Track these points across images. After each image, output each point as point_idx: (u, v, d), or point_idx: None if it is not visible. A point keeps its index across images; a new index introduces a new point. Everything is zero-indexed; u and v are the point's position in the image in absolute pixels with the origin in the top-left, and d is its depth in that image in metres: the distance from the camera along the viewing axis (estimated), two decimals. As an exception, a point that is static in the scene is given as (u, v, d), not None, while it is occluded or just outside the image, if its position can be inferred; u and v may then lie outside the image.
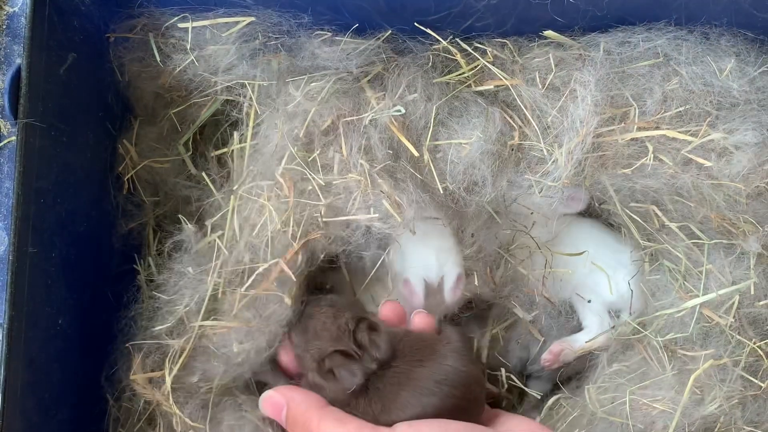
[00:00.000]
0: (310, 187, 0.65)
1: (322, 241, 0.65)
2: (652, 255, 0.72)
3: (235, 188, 0.68)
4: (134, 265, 0.71)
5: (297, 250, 0.64)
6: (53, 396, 0.62)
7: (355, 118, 0.66)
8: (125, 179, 0.73)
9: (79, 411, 0.66)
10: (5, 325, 0.56)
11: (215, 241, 0.66)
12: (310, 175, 0.64)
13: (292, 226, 0.64)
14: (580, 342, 0.74)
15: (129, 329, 0.68)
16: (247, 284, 0.64)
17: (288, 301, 0.64)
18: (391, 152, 0.66)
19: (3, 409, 0.55)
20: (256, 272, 0.64)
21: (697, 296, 0.67)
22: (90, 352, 0.67)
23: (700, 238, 0.69)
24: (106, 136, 0.72)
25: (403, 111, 0.66)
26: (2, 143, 0.60)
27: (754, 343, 0.65)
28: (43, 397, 0.61)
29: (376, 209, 0.64)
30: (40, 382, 0.61)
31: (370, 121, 0.66)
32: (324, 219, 0.64)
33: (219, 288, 0.64)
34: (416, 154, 0.66)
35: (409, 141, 0.66)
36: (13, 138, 0.59)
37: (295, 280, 0.64)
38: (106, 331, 0.68)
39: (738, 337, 0.65)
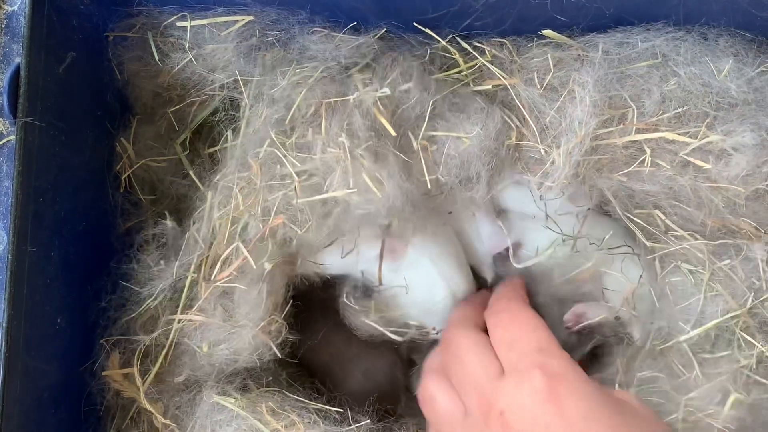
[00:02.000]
0: (286, 171, 0.64)
1: (295, 229, 0.64)
2: (660, 259, 0.71)
3: (216, 179, 0.68)
4: (131, 263, 0.71)
5: (263, 234, 0.64)
6: (52, 395, 0.62)
7: (339, 99, 0.66)
8: (123, 178, 0.73)
9: (78, 409, 0.66)
10: (4, 324, 0.56)
11: (193, 234, 0.67)
12: (282, 153, 0.64)
13: (260, 210, 0.63)
14: (603, 308, 0.73)
15: (112, 325, 0.68)
16: (214, 273, 0.64)
17: (253, 292, 0.63)
18: (373, 133, 0.65)
19: (2, 408, 0.55)
20: (220, 258, 0.64)
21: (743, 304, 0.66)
22: (89, 350, 0.67)
23: (704, 240, 0.68)
24: (105, 134, 0.72)
25: (389, 92, 0.65)
26: (1, 142, 0.60)
27: (763, 345, 0.65)
28: (42, 396, 0.61)
29: (356, 184, 0.63)
30: (39, 381, 0.61)
31: (354, 101, 0.65)
32: (300, 200, 0.63)
33: (197, 282, 0.65)
34: (393, 133, 0.65)
35: (395, 131, 0.65)
36: (12, 137, 0.59)
37: (255, 267, 0.63)
38: (104, 330, 0.68)
39: (750, 339, 0.65)
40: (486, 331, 0.62)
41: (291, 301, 0.69)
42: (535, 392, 0.53)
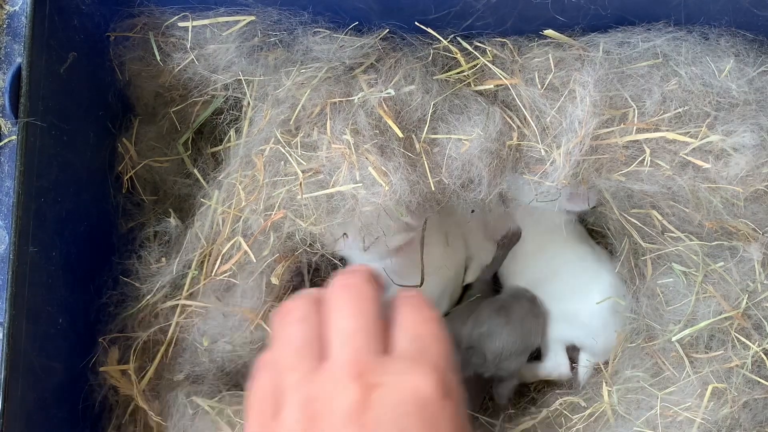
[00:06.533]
0: (291, 169, 0.64)
1: (302, 224, 0.63)
2: (654, 260, 0.72)
3: (220, 177, 0.68)
4: (132, 263, 0.71)
5: (264, 228, 0.64)
6: (54, 395, 0.63)
7: (344, 99, 0.66)
8: (125, 179, 0.73)
9: (80, 409, 0.66)
10: (6, 324, 0.56)
11: (195, 231, 0.67)
12: (286, 150, 0.64)
13: (263, 206, 0.64)
14: (535, 372, 0.78)
15: (111, 321, 0.68)
16: (215, 269, 0.64)
17: (253, 285, 0.64)
18: (377, 131, 0.65)
19: (4, 408, 0.55)
20: (221, 254, 0.64)
21: (738, 306, 0.66)
22: (90, 350, 0.67)
23: (701, 241, 0.69)
24: (107, 135, 0.73)
25: (393, 93, 0.66)
26: (3, 142, 0.60)
27: (758, 346, 0.65)
28: (44, 396, 0.61)
29: (362, 178, 0.63)
30: (40, 381, 0.61)
31: (359, 101, 0.65)
32: (304, 195, 0.63)
33: (198, 278, 0.65)
34: (401, 135, 0.65)
35: (402, 132, 0.65)
36: (14, 137, 0.59)
37: (255, 261, 0.63)
38: (104, 327, 0.68)
39: (744, 340, 0.65)
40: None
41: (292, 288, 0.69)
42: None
